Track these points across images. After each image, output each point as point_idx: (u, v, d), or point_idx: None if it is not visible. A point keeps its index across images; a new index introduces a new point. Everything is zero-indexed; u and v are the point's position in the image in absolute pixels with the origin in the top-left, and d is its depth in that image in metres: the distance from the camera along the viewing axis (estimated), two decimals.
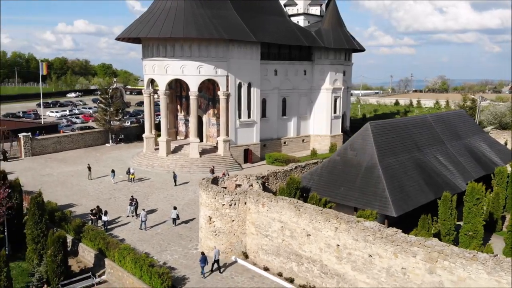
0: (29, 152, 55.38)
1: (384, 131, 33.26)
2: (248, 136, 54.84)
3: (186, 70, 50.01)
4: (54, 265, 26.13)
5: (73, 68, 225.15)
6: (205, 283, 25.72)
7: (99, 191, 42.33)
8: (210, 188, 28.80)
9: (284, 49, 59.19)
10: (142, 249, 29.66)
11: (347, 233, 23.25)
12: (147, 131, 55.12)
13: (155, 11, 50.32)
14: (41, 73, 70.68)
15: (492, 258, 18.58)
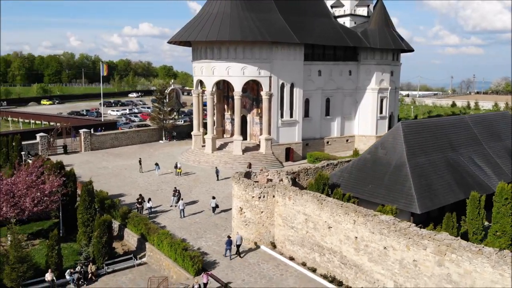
0: (88, 146, 60.22)
1: (416, 131, 33.73)
2: (290, 135, 56.39)
3: (231, 72, 52.49)
4: (100, 245, 29.28)
5: (136, 69, 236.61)
6: (233, 268, 27.78)
7: (148, 183, 45.66)
8: (241, 181, 30.85)
9: (328, 49, 60.18)
10: (181, 235, 32.20)
11: (365, 226, 24.40)
12: (195, 129, 58.23)
13: (204, 16, 53.21)
14: (102, 74, 76.26)
15: (496, 252, 19.18)
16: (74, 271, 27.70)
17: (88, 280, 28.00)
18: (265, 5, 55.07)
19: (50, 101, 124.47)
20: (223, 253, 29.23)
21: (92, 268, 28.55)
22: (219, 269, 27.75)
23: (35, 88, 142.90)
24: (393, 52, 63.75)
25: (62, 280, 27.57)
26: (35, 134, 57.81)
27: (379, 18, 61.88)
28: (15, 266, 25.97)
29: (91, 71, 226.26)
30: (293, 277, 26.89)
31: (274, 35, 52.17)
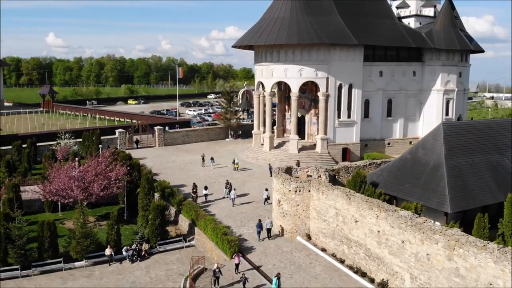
0: (162, 142, 65.76)
1: (458, 132, 33.78)
2: (347, 135, 57.36)
3: (289, 73, 54.82)
4: (153, 227, 33.21)
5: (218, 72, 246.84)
6: (267, 254, 30.25)
7: (208, 176, 49.45)
8: (280, 175, 33.21)
9: (391, 50, 60.16)
10: (226, 223, 35.25)
11: (386, 220, 25.67)
12: (256, 128, 61.31)
13: (265, 20, 56.08)
14: (178, 76, 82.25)
15: (499, 248, 19.77)
16: (129, 248, 31.77)
17: (141, 257, 31.96)
18: (326, 8, 56.65)
19: (136, 101, 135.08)
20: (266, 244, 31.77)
21: (146, 247, 32.50)
22: (254, 254, 30.35)
23: (123, 88, 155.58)
24: (461, 53, 62.00)
25: (120, 256, 31.74)
26: (115, 130, 64.36)
27: (445, 19, 60.59)
28: (80, 241, 30.59)
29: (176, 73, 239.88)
30: (321, 266, 28.72)
31: (331, 37, 53.65)
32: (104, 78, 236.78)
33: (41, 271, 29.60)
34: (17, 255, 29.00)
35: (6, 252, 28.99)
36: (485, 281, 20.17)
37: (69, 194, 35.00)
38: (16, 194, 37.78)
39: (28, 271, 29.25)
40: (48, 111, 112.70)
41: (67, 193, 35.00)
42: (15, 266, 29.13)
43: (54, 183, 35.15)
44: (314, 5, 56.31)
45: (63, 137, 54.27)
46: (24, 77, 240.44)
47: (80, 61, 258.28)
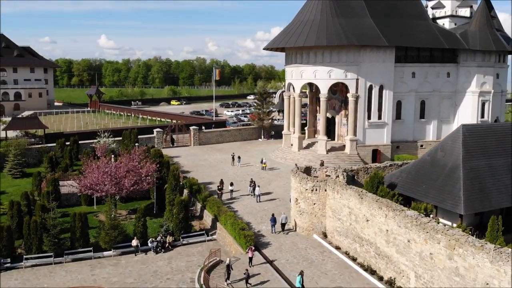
0: (196, 141, 68.15)
1: (479, 134, 33.56)
2: (378, 136, 57.35)
3: (318, 75, 55.60)
4: (177, 221, 35.16)
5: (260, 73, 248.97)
6: (282, 250, 31.41)
7: (236, 174, 51.07)
8: (297, 174, 34.27)
9: (424, 51, 59.54)
10: (247, 219, 36.75)
11: (393, 220, 26.26)
12: (286, 128, 62.43)
13: (296, 23, 57.13)
14: (214, 78, 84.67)
15: (495, 248, 20.07)
16: (154, 240, 33.85)
17: (165, 249, 33.95)
18: (357, 10, 57.01)
19: (178, 101, 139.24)
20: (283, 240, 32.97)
21: (170, 239, 34.49)
22: (270, 249, 31.60)
23: (166, 90, 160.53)
24: (498, 54, 60.45)
25: (145, 247, 33.88)
26: (153, 130, 67.34)
27: (481, 19, 59.29)
28: (109, 232, 32.93)
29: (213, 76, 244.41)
30: (333, 263, 29.58)
31: (361, 39, 53.95)
32: (151, 79, 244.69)
33: (73, 259, 32.14)
34: (51, 243, 31.65)
35: (41, 240, 31.70)
36: (482, 281, 20.50)
37: (102, 188, 37.55)
38: (55, 188, 40.99)
39: (61, 258, 31.87)
40: (95, 110, 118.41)
41: (100, 187, 37.57)
42: (49, 253, 31.80)
43: (88, 177, 37.84)
44: (345, 7, 56.81)
45: (103, 135, 57.49)
46: (75, 78, 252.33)
47: (128, 62, 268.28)
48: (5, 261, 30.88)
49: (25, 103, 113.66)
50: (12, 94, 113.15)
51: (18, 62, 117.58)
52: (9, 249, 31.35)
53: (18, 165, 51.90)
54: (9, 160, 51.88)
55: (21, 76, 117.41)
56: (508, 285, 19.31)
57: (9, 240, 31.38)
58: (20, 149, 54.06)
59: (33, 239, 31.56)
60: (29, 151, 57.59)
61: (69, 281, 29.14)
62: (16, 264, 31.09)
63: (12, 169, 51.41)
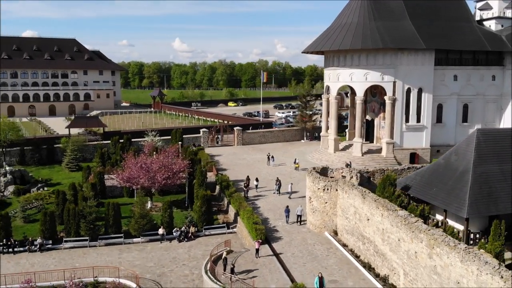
0: (240, 141, 71.18)
1: (493, 139, 33.22)
2: (416, 140, 56.94)
3: (354, 77, 56.36)
4: (200, 213, 38.13)
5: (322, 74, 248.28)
6: (290, 244, 33.25)
7: (268, 173, 53.27)
8: (311, 174, 35.90)
9: (467, 54, 58.17)
10: (266, 215, 38.99)
11: (387, 219, 27.31)
12: (323, 130, 63.57)
13: (335, 26, 58.29)
14: (262, 80, 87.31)
15: (465, 248, 20.79)
16: (179, 230, 37.03)
17: (188, 238, 37.01)
18: (397, 13, 57.08)
19: (235, 103, 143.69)
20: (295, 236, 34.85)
21: (193, 230, 37.51)
22: (279, 243, 33.56)
23: (224, 92, 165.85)
24: None
25: (170, 236, 37.14)
26: (199, 130, 71.29)
27: None
28: (138, 220, 36.53)
29: (281, 77, 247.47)
30: (336, 258, 30.97)
31: (398, 42, 54.04)
32: (215, 81, 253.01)
33: (106, 243, 36.11)
34: (87, 228, 35.77)
35: (79, 226, 35.93)
36: (455, 280, 21.25)
37: (138, 181, 41.41)
38: (100, 180, 45.61)
39: (95, 242, 35.92)
40: (157, 111, 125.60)
41: (136, 180, 41.45)
42: (85, 237, 35.97)
43: (126, 172, 41.87)
44: (384, 10, 57.12)
45: (150, 134, 62.06)
46: (146, 80, 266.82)
47: (195, 65, 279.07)
48: (47, 242, 35.43)
49: (93, 103, 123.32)
50: (82, 94, 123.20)
51: (88, 65, 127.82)
52: (51, 232, 35.88)
53: (75, 160, 57.65)
54: (66, 155, 57.82)
55: (91, 78, 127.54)
56: (474, 284, 19.98)
57: (52, 224, 35.93)
58: (78, 145, 59.94)
59: (71, 224, 35.90)
60: (86, 147, 63.50)
61: (98, 262, 32.95)
62: (57, 245, 35.56)
63: (69, 163, 57.25)
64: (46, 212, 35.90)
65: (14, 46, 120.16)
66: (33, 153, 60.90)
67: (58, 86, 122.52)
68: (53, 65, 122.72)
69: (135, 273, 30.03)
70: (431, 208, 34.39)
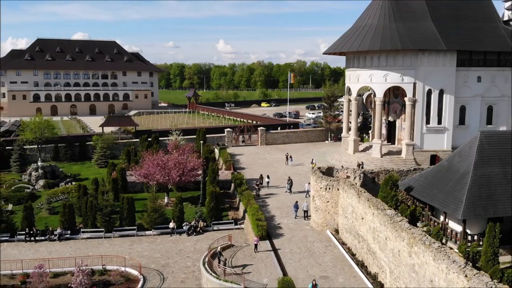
0: (263, 141, 72.47)
1: (497, 141, 32.92)
2: (437, 142, 56.24)
3: (374, 79, 56.40)
4: (208, 209, 39.74)
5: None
6: (290, 241, 34.27)
7: (285, 173, 54.13)
8: (315, 173, 36.73)
9: (491, 55, 56.81)
10: (273, 212, 40.21)
11: (377, 218, 27.90)
12: (344, 131, 63.80)
13: (355, 27, 58.52)
14: (289, 81, 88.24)
15: (436, 247, 21.23)
16: (188, 224, 38.81)
17: (197, 232, 38.69)
18: (418, 14, 56.62)
19: (268, 103, 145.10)
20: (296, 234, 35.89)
21: (201, 224, 39.18)
22: (280, 239, 34.66)
23: (258, 92, 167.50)
24: None
25: (181, 230, 38.99)
26: (224, 129, 73.17)
27: None
28: (150, 214, 38.58)
29: (319, 77, 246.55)
30: (332, 256, 31.74)
31: (418, 43, 53.67)
32: (253, 82, 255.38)
33: (120, 235, 38.35)
34: (103, 220, 38.16)
35: (95, 218, 38.40)
36: (429, 278, 21.70)
37: (154, 177, 43.59)
38: (123, 176, 48.19)
39: (110, 234, 38.25)
40: (191, 111, 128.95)
41: (152, 176, 43.63)
42: (101, 229, 38.40)
43: (143, 168, 44.15)
44: (405, 11, 56.83)
45: (174, 133, 64.48)
46: (187, 81, 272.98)
47: (233, 67, 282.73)
48: (66, 232, 38.09)
49: (132, 103, 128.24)
50: (121, 95, 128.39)
51: (127, 66, 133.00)
52: (70, 223, 38.53)
53: (103, 157, 60.88)
54: (96, 152, 61.14)
55: (130, 79, 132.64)
56: (444, 283, 20.41)
57: (71, 216, 38.59)
58: (107, 143, 63.22)
59: (89, 216, 38.43)
60: (116, 145, 66.75)
61: (110, 252, 35.18)
62: (75, 235, 38.17)
63: (98, 160, 60.54)
64: (66, 204, 38.59)
65: (58, 48, 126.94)
66: (66, 150, 64.77)
67: (98, 86, 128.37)
68: (94, 66, 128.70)
69: (139, 262, 32.00)
70: (435, 210, 34.48)
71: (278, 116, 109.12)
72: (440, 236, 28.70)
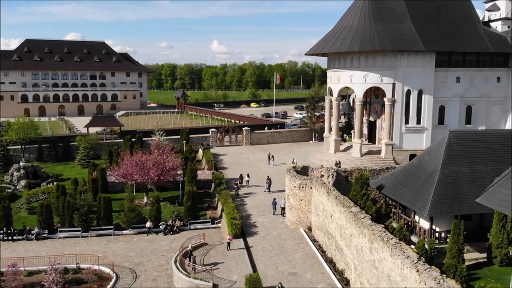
0: (248, 141, 72.93)
1: (465, 141, 33.57)
2: (416, 141, 56.97)
3: (354, 79, 57.09)
4: (185, 208, 40.15)
5: None
6: (264, 239, 34.80)
7: (267, 172, 54.43)
8: (289, 172, 37.27)
9: (470, 55, 57.69)
10: (250, 211, 40.74)
11: (344, 215, 28.46)
12: (326, 131, 64.47)
13: (336, 29, 59.21)
14: (275, 82, 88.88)
15: (393, 243, 21.81)
16: (165, 223, 39.19)
17: (173, 231, 39.09)
18: (398, 15, 57.43)
19: (257, 104, 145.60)
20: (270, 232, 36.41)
21: (178, 224, 39.58)
22: (254, 237, 35.20)
23: (247, 93, 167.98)
24: None
25: (158, 229, 39.35)
26: (209, 130, 73.56)
27: None
28: (127, 213, 38.93)
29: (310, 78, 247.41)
30: (303, 253, 32.30)
31: (396, 44, 54.42)
32: (245, 83, 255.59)
33: (97, 234, 38.67)
34: (80, 219, 38.45)
35: (72, 217, 38.68)
36: (387, 273, 22.27)
37: (132, 177, 43.92)
38: (103, 176, 48.45)
39: (87, 233, 38.55)
40: (179, 112, 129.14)
41: (131, 176, 43.97)
42: (78, 228, 38.68)
43: (121, 168, 44.48)
44: (386, 12, 57.59)
45: (157, 133, 64.79)
46: (178, 81, 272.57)
47: (225, 67, 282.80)
48: (43, 232, 38.36)
49: (120, 104, 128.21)
50: (109, 95, 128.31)
51: (116, 67, 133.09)
52: (48, 223, 38.78)
53: (87, 157, 61.05)
54: (79, 152, 61.34)
55: (118, 79, 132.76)
56: (399, 278, 20.98)
57: (48, 215, 38.84)
58: (91, 143, 63.42)
59: (66, 216, 38.71)
60: (100, 145, 66.96)
61: (86, 250, 35.46)
62: (52, 235, 38.43)
63: (81, 160, 60.72)
64: (43, 204, 38.85)
65: (46, 48, 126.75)
66: (50, 150, 64.83)
67: (86, 87, 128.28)
68: (82, 67, 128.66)
69: (112, 261, 32.38)
70: (407, 208, 35.08)
71: (266, 116, 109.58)
72: (403, 233, 29.27)
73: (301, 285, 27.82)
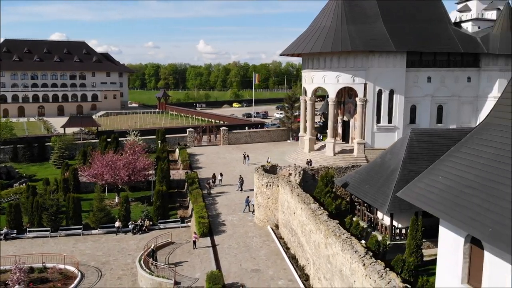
0: (226, 141, 73.32)
1: (426, 139, 34.38)
2: (388, 140, 57.38)
3: (327, 80, 57.86)
4: (155, 207, 40.39)
5: None
6: (231, 237, 35.22)
7: (241, 171, 54.73)
8: (257, 171, 37.79)
9: (441, 56, 58.86)
10: (220, 210, 41.13)
11: (304, 212, 29.02)
12: (302, 131, 65.16)
13: (310, 29, 59.90)
14: (254, 82, 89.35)
15: (344, 238, 22.41)
16: (134, 223, 39.39)
17: (142, 231, 39.29)
18: (370, 16, 58.30)
19: (239, 104, 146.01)
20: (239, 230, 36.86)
21: (147, 223, 39.80)
22: (221, 236, 35.60)
23: (229, 93, 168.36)
24: None
25: (126, 229, 39.52)
26: (186, 130, 73.75)
27: (504, 22, 57.30)
28: (96, 213, 39.04)
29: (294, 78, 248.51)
30: (268, 250, 32.81)
31: (368, 44, 55.30)
32: (229, 83, 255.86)
33: (66, 234, 38.71)
34: (49, 219, 38.47)
35: (41, 217, 38.67)
36: (339, 268, 22.86)
37: (102, 177, 44.01)
38: (75, 176, 48.42)
39: (56, 233, 38.57)
40: (160, 112, 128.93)
41: (101, 176, 44.06)
42: (47, 228, 38.69)
43: (92, 168, 44.54)
44: (358, 13, 58.41)
45: (131, 133, 64.77)
46: (162, 81, 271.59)
47: (209, 67, 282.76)
48: (12, 232, 38.30)
49: (101, 104, 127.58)
50: (90, 95, 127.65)
51: (96, 67, 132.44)
52: (16, 222, 38.72)
53: (61, 157, 60.80)
54: (54, 152, 61.10)
55: (98, 79, 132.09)
56: (349, 272, 21.57)
57: (17, 215, 38.78)
58: (66, 144, 63.20)
59: (35, 216, 38.69)
60: (76, 145, 66.73)
61: (54, 250, 35.50)
62: (21, 235, 38.40)
63: (56, 160, 60.48)
64: (12, 204, 38.79)
65: (26, 49, 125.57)
66: (25, 150, 64.44)
67: (66, 87, 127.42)
68: (62, 67, 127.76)
69: (76, 260, 32.54)
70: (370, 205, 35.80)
71: (247, 116, 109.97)
72: (359, 229, 29.96)
73: (263, 281, 28.33)
